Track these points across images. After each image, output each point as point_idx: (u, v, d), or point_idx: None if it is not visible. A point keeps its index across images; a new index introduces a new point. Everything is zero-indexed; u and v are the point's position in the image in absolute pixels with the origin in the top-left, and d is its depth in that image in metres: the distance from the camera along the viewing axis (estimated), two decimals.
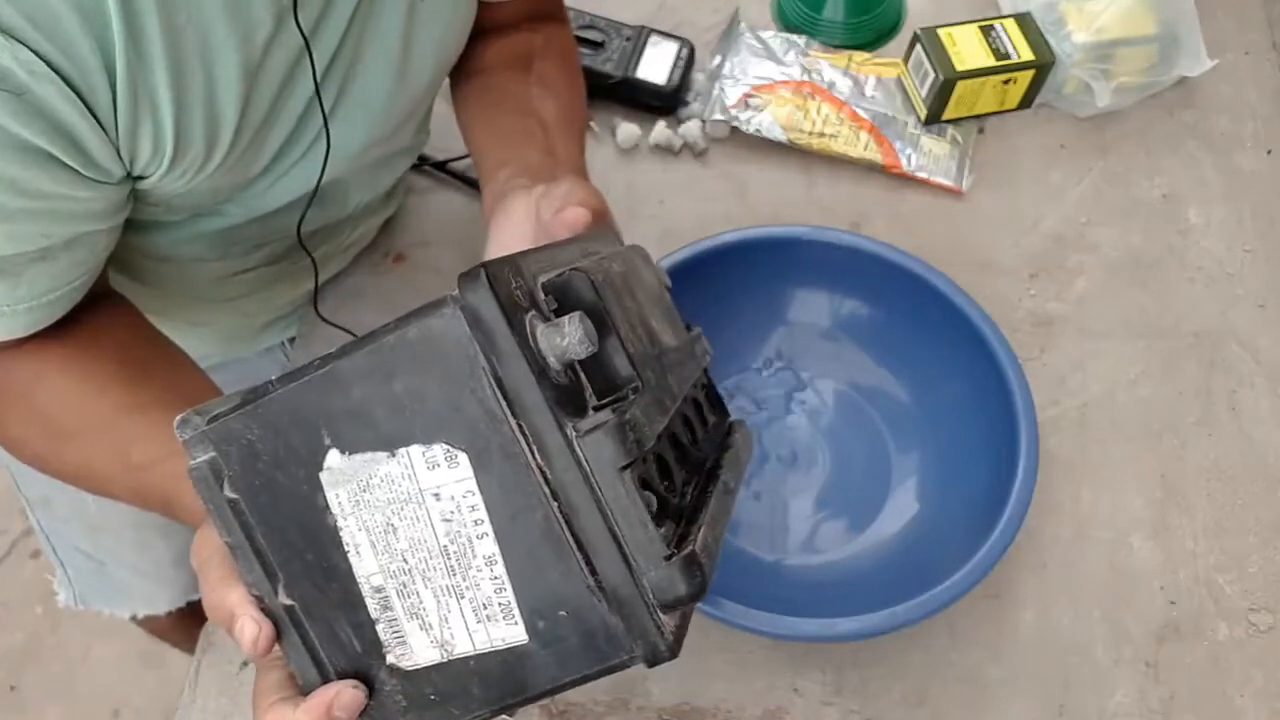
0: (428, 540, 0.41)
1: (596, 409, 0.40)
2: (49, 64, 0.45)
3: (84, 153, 0.49)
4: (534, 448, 0.39)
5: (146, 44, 0.48)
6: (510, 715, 0.44)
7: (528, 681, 0.42)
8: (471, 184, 0.90)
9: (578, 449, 0.39)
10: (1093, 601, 0.72)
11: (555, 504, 0.40)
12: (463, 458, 0.40)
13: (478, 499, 0.40)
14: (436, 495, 0.41)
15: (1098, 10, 0.90)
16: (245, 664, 0.70)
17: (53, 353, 0.57)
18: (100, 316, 0.60)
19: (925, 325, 0.75)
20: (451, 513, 0.41)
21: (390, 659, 0.43)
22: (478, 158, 0.70)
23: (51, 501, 0.89)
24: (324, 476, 0.41)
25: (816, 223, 0.81)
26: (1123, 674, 0.70)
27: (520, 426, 0.39)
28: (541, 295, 0.42)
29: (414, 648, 0.43)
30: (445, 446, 0.40)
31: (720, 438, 0.55)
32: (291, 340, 0.86)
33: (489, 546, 0.41)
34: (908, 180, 0.90)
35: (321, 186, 0.65)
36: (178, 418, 0.43)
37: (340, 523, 0.42)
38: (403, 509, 0.41)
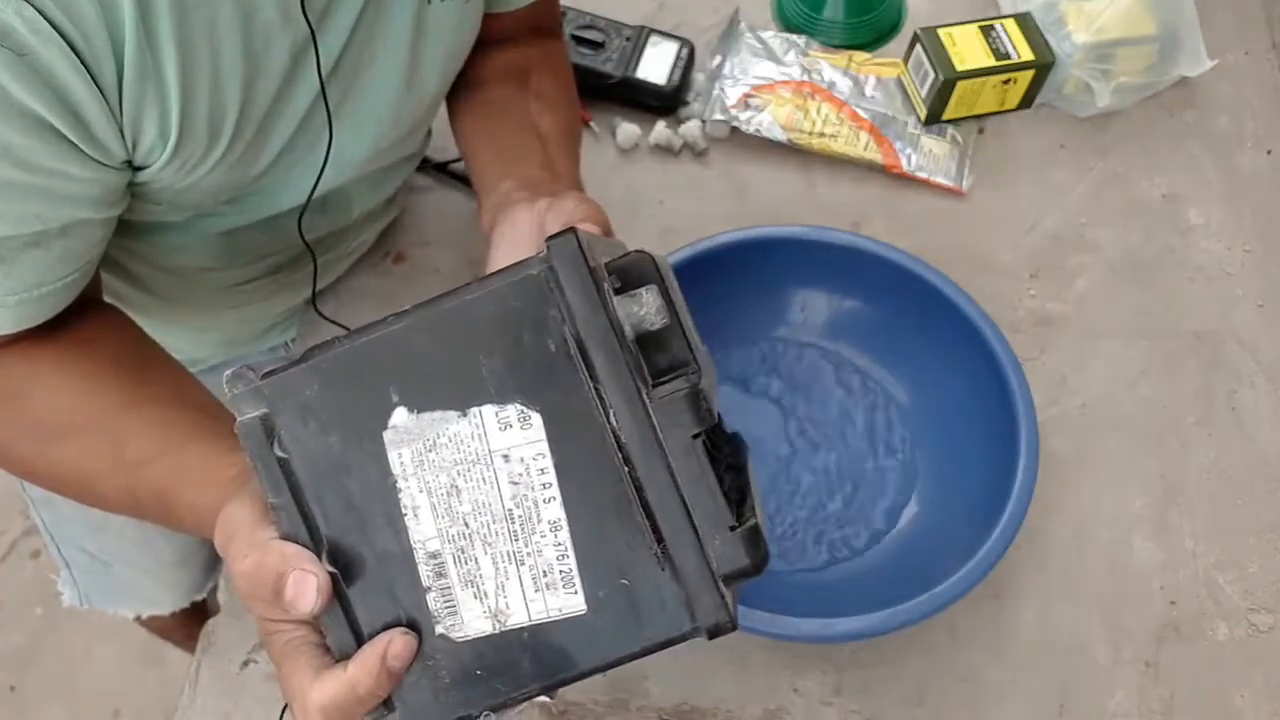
0: (492, 503, 0.41)
1: (655, 385, 0.41)
2: (54, 25, 0.44)
3: (85, 127, 0.48)
4: (610, 411, 0.40)
5: (156, 21, 0.47)
6: (551, 697, 0.43)
7: (581, 655, 0.42)
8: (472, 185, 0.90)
9: (652, 414, 0.40)
10: (1093, 601, 0.72)
11: (627, 469, 0.40)
12: (536, 419, 0.40)
13: (548, 461, 0.40)
14: (506, 457, 0.40)
15: (1098, 10, 0.90)
16: (245, 664, 0.70)
17: (45, 353, 0.56)
18: (93, 321, 0.59)
19: (925, 325, 0.75)
20: (520, 475, 0.41)
21: (439, 630, 0.42)
22: (476, 168, 0.69)
23: (55, 501, 0.89)
24: (388, 435, 0.41)
25: (816, 223, 0.81)
26: (1123, 674, 0.70)
27: (598, 390, 0.40)
28: (606, 274, 0.42)
29: (465, 619, 0.42)
30: (519, 407, 0.40)
31: (729, 444, 0.55)
32: (293, 340, 0.86)
33: (555, 511, 0.41)
34: (908, 180, 0.90)
35: (325, 193, 0.64)
36: (228, 372, 0.42)
37: (400, 484, 0.41)
38: (469, 470, 0.41)
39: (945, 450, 0.75)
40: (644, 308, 0.40)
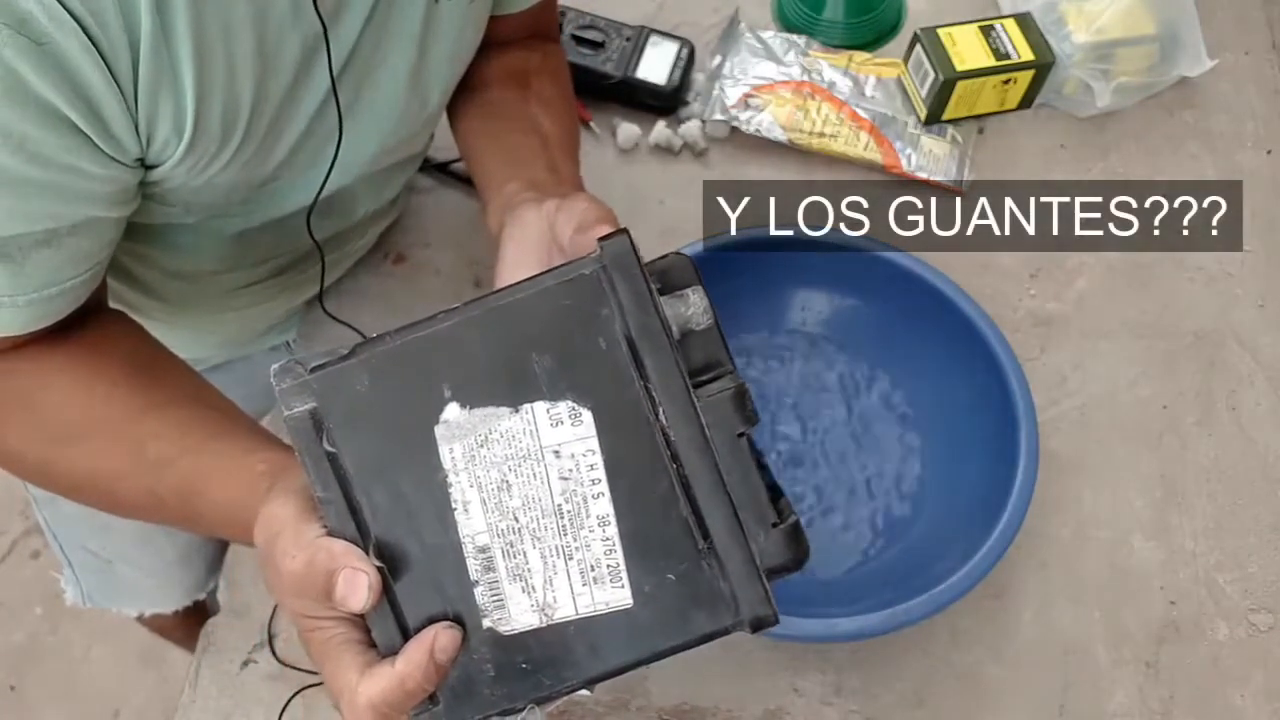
0: (542, 499, 0.42)
1: (700, 384, 0.42)
2: (71, 14, 0.44)
3: (101, 121, 0.48)
4: (659, 409, 0.41)
5: (172, 14, 0.47)
6: (591, 690, 0.44)
7: (626, 649, 0.42)
8: (474, 185, 0.90)
9: (700, 413, 0.41)
10: (1093, 601, 0.72)
11: (675, 465, 0.41)
12: (587, 416, 0.41)
13: (598, 458, 0.41)
14: (556, 453, 0.41)
15: (1098, 10, 0.90)
16: (245, 664, 0.71)
17: (55, 357, 0.56)
18: (101, 326, 0.59)
19: (925, 325, 0.75)
20: (570, 471, 0.41)
21: (486, 623, 0.43)
22: (479, 170, 0.69)
23: (57, 499, 0.89)
24: (439, 430, 0.41)
25: (817, 223, 0.81)
26: (1123, 674, 0.70)
27: (647, 388, 0.41)
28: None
29: (513, 612, 0.43)
30: (570, 404, 0.41)
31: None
32: (293, 340, 0.86)
33: (604, 506, 0.41)
34: (908, 180, 0.90)
35: (331, 194, 0.64)
36: (276, 365, 0.42)
37: (451, 479, 0.42)
38: (520, 466, 0.41)
39: (945, 450, 0.75)
40: (691, 308, 0.41)
